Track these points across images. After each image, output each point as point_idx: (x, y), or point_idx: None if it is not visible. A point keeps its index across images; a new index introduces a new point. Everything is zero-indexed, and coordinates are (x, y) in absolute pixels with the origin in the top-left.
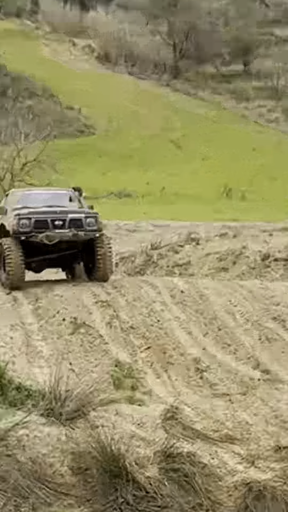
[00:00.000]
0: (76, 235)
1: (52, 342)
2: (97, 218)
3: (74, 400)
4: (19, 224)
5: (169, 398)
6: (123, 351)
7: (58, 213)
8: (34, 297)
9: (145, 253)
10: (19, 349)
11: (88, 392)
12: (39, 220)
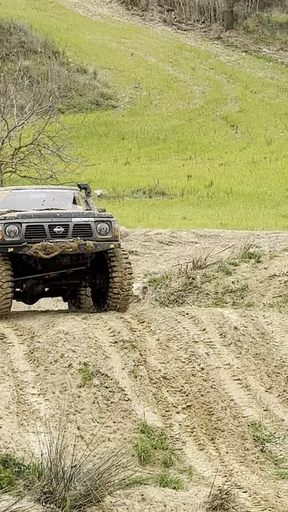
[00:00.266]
0: (83, 246)
1: (53, 398)
2: (111, 223)
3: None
4: (5, 231)
5: (216, 479)
6: (153, 412)
7: (58, 217)
8: (29, 334)
9: (185, 274)
10: (7, 408)
11: (103, 469)
12: (32, 226)
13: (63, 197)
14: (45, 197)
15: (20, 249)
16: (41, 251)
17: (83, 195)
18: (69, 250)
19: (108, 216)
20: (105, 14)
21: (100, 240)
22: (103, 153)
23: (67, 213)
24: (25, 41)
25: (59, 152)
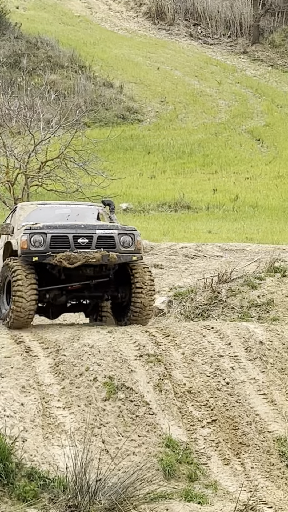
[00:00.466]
0: (106, 257)
1: (78, 412)
2: (134, 236)
3: (108, 493)
4: (30, 241)
5: (242, 494)
6: (178, 426)
7: (82, 228)
8: (55, 348)
9: (210, 287)
10: (33, 421)
11: (128, 483)
12: (57, 236)
13: (87, 212)
14: (70, 212)
15: (45, 258)
16: (65, 261)
17: (107, 211)
18: (92, 261)
19: (131, 229)
20: (132, 29)
21: (123, 252)
22: (129, 167)
23: (91, 225)
24: (52, 56)
25: (85, 166)
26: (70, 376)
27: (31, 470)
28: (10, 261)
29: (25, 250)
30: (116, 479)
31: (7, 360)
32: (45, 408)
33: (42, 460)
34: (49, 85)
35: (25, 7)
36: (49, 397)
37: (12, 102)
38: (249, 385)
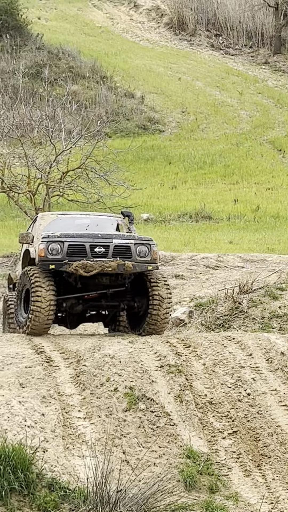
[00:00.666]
0: (122, 266)
1: (99, 422)
2: (150, 246)
3: (128, 504)
4: (48, 249)
5: (263, 506)
6: (198, 437)
7: (99, 237)
8: (75, 358)
9: (231, 298)
10: (53, 431)
11: (148, 494)
12: (74, 245)
13: (106, 223)
14: (89, 222)
15: (61, 266)
16: (81, 269)
17: (126, 223)
18: (108, 269)
19: (147, 240)
20: (153, 39)
21: (139, 262)
22: (150, 177)
23: (108, 234)
24: (73, 66)
25: (106, 176)
26: (91, 387)
27: (51, 481)
28: (29, 270)
29: (43, 258)
30: (136, 490)
31: (28, 370)
32: (66, 419)
33: (63, 470)
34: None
35: (47, 18)
36: (70, 407)
37: (34, 112)
38: (270, 396)
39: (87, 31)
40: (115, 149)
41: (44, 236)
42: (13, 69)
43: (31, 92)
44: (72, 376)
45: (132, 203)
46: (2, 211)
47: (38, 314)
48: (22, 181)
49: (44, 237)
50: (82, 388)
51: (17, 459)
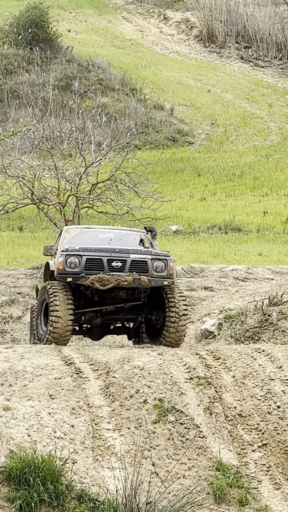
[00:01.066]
0: (137, 280)
1: (128, 434)
2: (167, 262)
3: None
4: (66, 262)
5: None
6: (228, 449)
7: (117, 252)
8: (105, 370)
9: (261, 310)
10: (83, 443)
11: (178, 507)
12: (92, 259)
13: (129, 238)
14: (112, 236)
15: (78, 280)
16: (97, 283)
17: (149, 238)
18: (124, 284)
19: (164, 255)
20: (183, 52)
21: (155, 276)
22: (179, 189)
23: (125, 249)
24: (103, 79)
25: (135, 188)
26: (120, 398)
27: (81, 492)
28: (48, 285)
29: (61, 271)
30: (166, 503)
31: (58, 381)
32: (95, 430)
33: (92, 482)
34: (100, 107)
35: (77, 30)
36: (99, 419)
37: (64, 124)
38: None
39: (117, 43)
40: (144, 161)
41: (63, 249)
42: (43, 81)
43: (61, 105)
44: (101, 388)
45: (162, 215)
46: (32, 222)
47: (56, 327)
48: (52, 193)
49: (63, 250)
50: (112, 399)
51: (46, 470)
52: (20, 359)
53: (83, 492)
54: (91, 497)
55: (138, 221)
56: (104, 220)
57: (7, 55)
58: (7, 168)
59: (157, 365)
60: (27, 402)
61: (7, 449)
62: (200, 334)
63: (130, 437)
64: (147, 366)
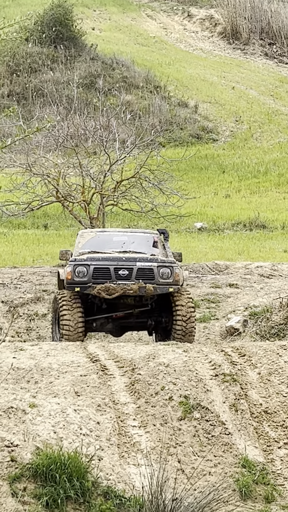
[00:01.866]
0: (143, 288)
1: (154, 431)
2: (173, 269)
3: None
4: (74, 272)
5: None
6: (254, 446)
7: (124, 260)
8: (130, 367)
9: (286, 307)
10: (108, 439)
11: (204, 503)
12: (99, 268)
13: (143, 240)
14: (126, 239)
15: (86, 289)
16: (104, 292)
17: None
18: (129, 292)
19: (170, 262)
20: (207, 49)
21: (161, 284)
22: (204, 186)
23: (132, 257)
24: (127, 76)
25: (160, 185)
26: (146, 395)
27: (107, 489)
28: (58, 295)
29: (69, 280)
30: (192, 499)
31: (83, 378)
32: (121, 427)
33: (118, 479)
34: (125, 105)
35: (101, 28)
36: (125, 416)
37: (88, 122)
38: None
39: (141, 41)
40: (169, 158)
41: (72, 259)
42: (68, 79)
43: (86, 102)
44: (127, 385)
45: (186, 212)
46: (57, 220)
47: (67, 335)
48: (76, 191)
49: (71, 260)
50: (137, 396)
51: (72, 467)
52: (46, 356)
53: (109, 489)
54: (117, 494)
55: (162, 218)
56: (128, 218)
57: (32, 53)
58: (32, 166)
59: (183, 362)
60: (53, 399)
61: (33, 446)
62: (225, 331)
63: (156, 434)
64: (172, 363)
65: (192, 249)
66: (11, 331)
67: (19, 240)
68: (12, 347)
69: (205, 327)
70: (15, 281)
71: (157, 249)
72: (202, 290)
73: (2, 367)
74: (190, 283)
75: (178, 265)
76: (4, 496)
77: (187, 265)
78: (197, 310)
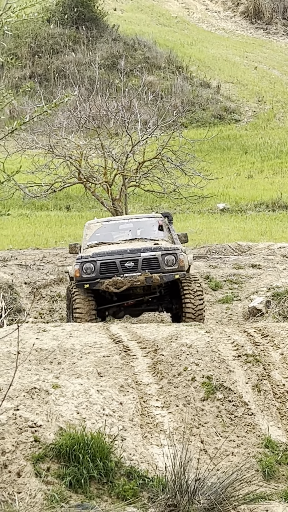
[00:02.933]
0: (149, 279)
1: (176, 411)
2: (177, 255)
3: (207, 493)
4: (82, 269)
5: None
6: (277, 426)
7: (128, 253)
8: (153, 347)
9: None
10: (131, 420)
11: (227, 483)
12: (106, 263)
13: (148, 225)
14: (132, 226)
15: (94, 285)
16: (112, 286)
17: (166, 222)
18: (137, 284)
19: (174, 249)
20: (229, 28)
21: (166, 271)
22: (226, 167)
23: (136, 249)
24: (149, 57)
25: (182, 166)
26: (168, 376)
27: (130, 469)
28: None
29: (78, 278)
30: (215, 479)
31: (106, 359)
32: (144, 408)
33: (141, 459)
34: (147, 86)
35: (123, 9)
36: (148, 396)
37: (110, 103)
38: None
39: (163, 21)
40: (191, 139)
41: (78, 257)
42: (90, 60)
43: (107, 83)
44: (149, 366)
45: (208, 193)
46: (79, 202)
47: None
48: (98, 172)
49: (78, 258)
50: (160, 377)
51: (95, 447)
52: (69, 337)
53: (132, 469)
54: (140, 474)
55: (185, 199)
56: (151, 199)
57: (54, 34)
58: (54, 148)
59: (205, 342)
60: (76, 380)
61: (56, 426)
62: (248, 312)
63: (179, 415)
64: (195, 343)
65: (215, 230)
66: (34, 312)
67: (41, 222)
68: (35, 328)
69: (227, 308)
70: (38, 263)
71: (163, 232)
72: (225, 271)
73: (25, 348)
74: (213, 264)
75: (182, 250)
76: (28, 476)
77: (209, 245)
78: (219, 291)
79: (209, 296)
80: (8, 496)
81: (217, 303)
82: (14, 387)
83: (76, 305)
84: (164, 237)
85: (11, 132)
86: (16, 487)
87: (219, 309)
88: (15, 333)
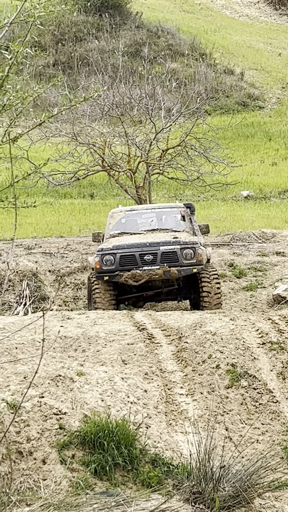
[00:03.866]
0: (167, 272)
1: (201, 399)
2: (195, 249)
3: (232, 481)
4: (102, 261)
5: None
6: None
7: (148, 246)
8: (177, 335)
9: None
10: (156, 407)
11: (251, 471)
12: (125, 255)
13: (171, 215)
14: (154, 216)
15: (114, 278)
16: (130, 279)
17: (188, 213)
18: (155, 277)
19: (192, 243)
20: (253, 15)
21: (184, 265)
22: (250, 154)
23: (155, 242)
24: (172, 44)
25: (206, 154)
26: (193, 363)
27: (155, 456)
28: (90, 275)
29: (98, 269)
30: (240, 467)
31: (130, 347)
32: (168, 395)
33: (166, 446)
34: (170, 73)
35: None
36: (172, 384)
37: (134, 91)
38: None
39: (186, 8)
40: (214, 126)
41: (99, 249)
42: (113, 48)
43: (131, 71)
44: (174, 353)
45: (232, 180)
46: (103, 189)
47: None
48: (122, 160)
49: (98, 250)
50: (184, 365)
51: (120, 434)
52: (93, 325)
53: (157, 456)
54: (165, 461)
55: (208, 186)
56: (174, 186)
57: (77, 22)
58: (78, 136)
59: (229, 330)
60: (101, 367)
61: (81, 413)
62: (272, 299)
63: (203, 402)
64: (219, 331)
65: (239, 217)
66: (58, 300)
67: (65, 210)
68: (59, 316)
69: (252, 296)
70: (62, 251)
71: (185, 222)
72: (249, 258)
73: (49, 336)
74: (237, 252)
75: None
76: (53, 463)
77: (233, 233)
78: (243, 279)
79: (233, 283)
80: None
81: (241, 291)
82: (39, 374)
83: (95, 295)
84: (186, 228)
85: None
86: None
87: (243, 296)
88: (40, 320)
